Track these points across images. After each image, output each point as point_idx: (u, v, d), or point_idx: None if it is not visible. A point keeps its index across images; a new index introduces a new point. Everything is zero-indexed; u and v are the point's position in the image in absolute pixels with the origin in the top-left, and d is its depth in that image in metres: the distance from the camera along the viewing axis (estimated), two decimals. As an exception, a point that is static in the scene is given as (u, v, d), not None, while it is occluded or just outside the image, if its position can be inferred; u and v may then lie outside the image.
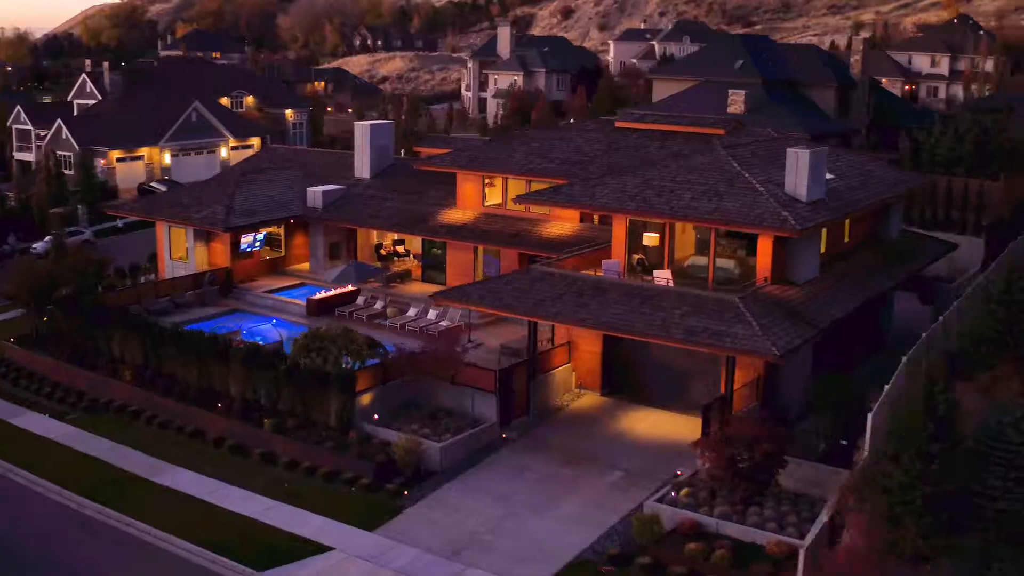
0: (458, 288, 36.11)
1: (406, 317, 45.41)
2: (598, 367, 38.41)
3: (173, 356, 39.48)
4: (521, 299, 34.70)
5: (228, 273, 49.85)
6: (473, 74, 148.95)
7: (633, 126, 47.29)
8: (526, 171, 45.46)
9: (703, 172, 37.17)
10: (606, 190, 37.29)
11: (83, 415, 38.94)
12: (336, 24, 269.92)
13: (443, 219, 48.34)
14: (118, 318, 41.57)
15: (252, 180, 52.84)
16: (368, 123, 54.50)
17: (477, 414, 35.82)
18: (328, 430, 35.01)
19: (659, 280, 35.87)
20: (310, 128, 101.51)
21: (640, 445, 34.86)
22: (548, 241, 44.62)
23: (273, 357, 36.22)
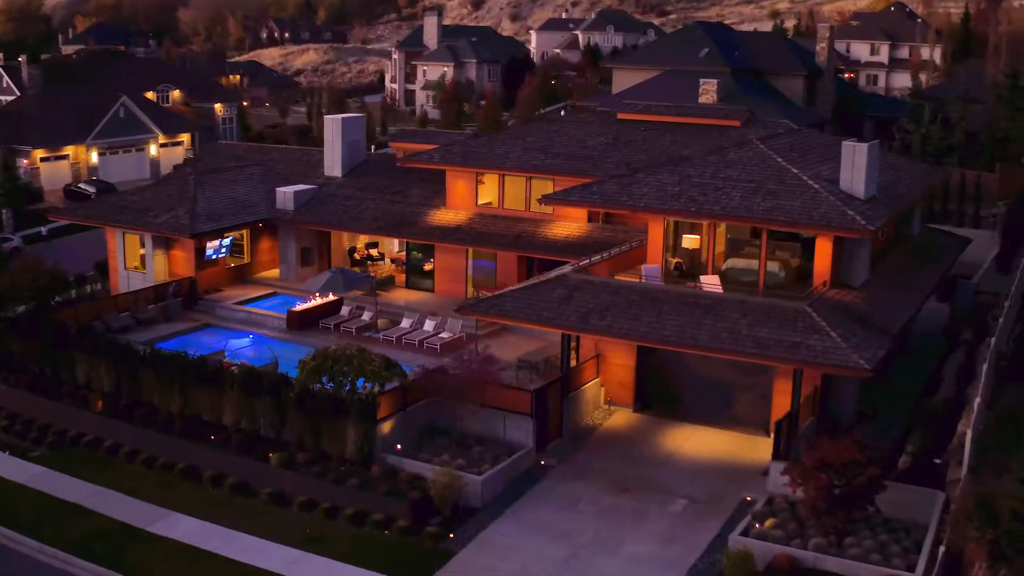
0: (489, 300, 32.38)
1: (400, 329, 41.41)
2: (630, 381, 35.16)
3: (151, 382, 34.80)
4: (564, 311, 31.19)
5: (193, 283, 45.04)
6: (399, 65, 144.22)
7: (637, 118, 44.12)
8: (530, 167, 41.90)
9: (746, 168, 34.20)
10: (644, 188, 34.03)
11: (50, 452, 34.00)
12: (239, 17, 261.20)
13: (433, 220, 44.44)
14: (83, 339, 36.60)
15: (212, 180, 48.06)
16: (339, 117, 50.16)
17: (510, 439, 32.20)
18: (345, 464, 30.96)
19: (708, 286, 32.79)
20: (239, 123, 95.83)
21: (693, 467, 31.76)
22: (554, 243, 41.19)
23: (278, 382, 31.92)
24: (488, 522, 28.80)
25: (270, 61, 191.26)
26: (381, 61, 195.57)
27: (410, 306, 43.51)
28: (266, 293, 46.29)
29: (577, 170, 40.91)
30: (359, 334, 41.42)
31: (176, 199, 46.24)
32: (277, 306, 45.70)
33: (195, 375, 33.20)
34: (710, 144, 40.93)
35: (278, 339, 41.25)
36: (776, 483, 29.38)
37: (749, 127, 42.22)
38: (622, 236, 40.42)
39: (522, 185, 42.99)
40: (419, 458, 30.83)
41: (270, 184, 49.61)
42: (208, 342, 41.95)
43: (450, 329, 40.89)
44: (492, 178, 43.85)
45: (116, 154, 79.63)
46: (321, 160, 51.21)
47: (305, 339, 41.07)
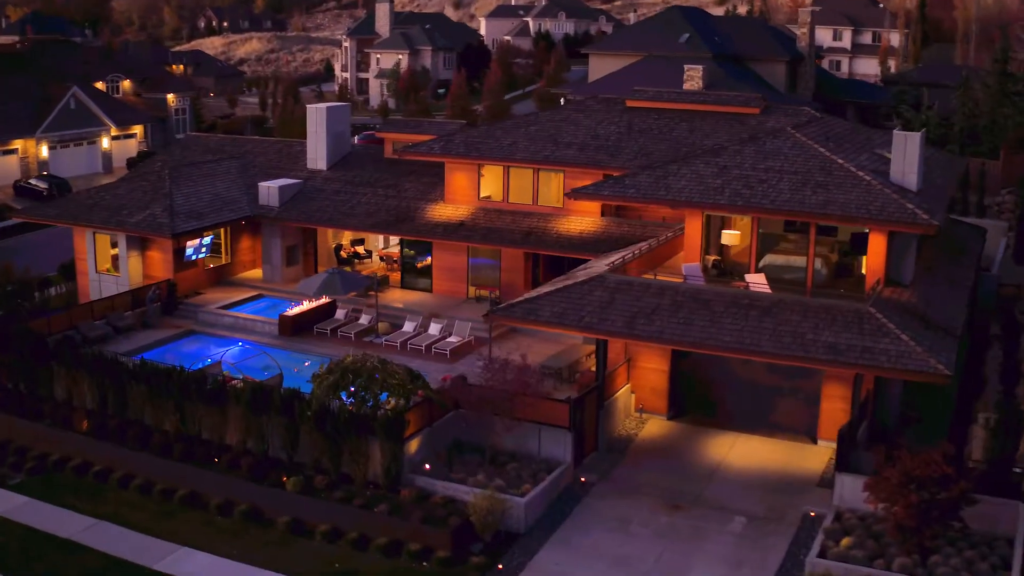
0: (522, 304, 29.72)
1: (403, 333, 38.57)
2: (664, 387, 32.83)
3: (142, 398, 31.59)
4: (608, 316, 28.68)
5: (172, 287, 41.65)
6: (350, 53, 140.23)
7: (648, 105, 41.72)
8: (541, 159, 39.25)
9: (788, 159, 32.02)
10: (683, 181, 31.65)
11: (31, 479, 30.63)
12: (174, 6, 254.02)
13: (432, 215, 41.61)
14: (62, 351, 33.19)
15: (187, 175, 44.65)
16: (324, 106, 46.99)
17: (546, 455, 29.67)
18: (370, 487, 28.17)
19: (755, 286, 30.55)
20: (192, 114, 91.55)
21: (743, 480, 29.54)
22: (568, 239, 38.65)
23: (291, 399, 28.95)
24: (536, 548, 26.25)
25: (212, 50, 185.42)
26: (326, 50, 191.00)
27: (409, 307, 40.69)
28: (250, 296, 43.08)
29: (593, 161, 38.42)
30: (358, 339, 38.53)
31: (151, 196, 42.76)
32: (264, 310, 42.59)
33: (196, 391, 30.05)
34: (731, 133, 38.77)
35: (270, 346, 38.18)
36: (842, 496, 27.34)
37: (768, 115, 40.10)
38: (640, 231, 38.07)
39: (529, 177, 40.37)
40: (452, 479, 28.14)
41: (249, 178, 46.36)
42: (194, 351, 38.75)
43: (458, 332, 38.18)
44: (493, 170, 41.14)
45: (67, 147, 75.06)
46: (302, 152, 48.08)
47: (300, 346, 38.11)
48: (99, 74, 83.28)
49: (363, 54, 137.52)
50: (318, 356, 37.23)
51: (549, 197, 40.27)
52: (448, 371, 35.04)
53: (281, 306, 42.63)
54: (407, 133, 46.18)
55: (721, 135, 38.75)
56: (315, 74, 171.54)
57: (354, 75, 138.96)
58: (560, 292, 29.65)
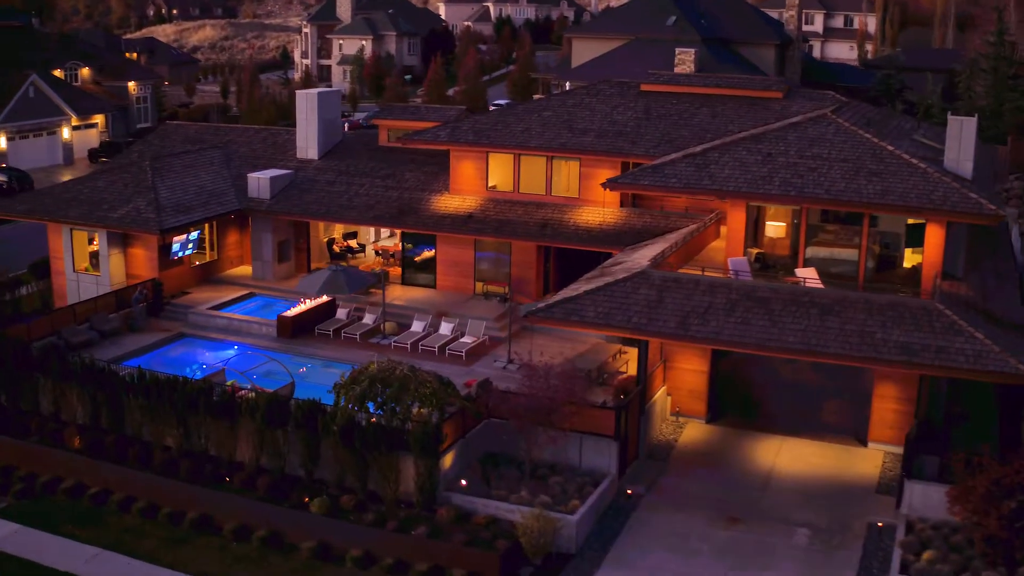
0: (562, 304, 27.42)
1: (412, 333, 36.08)
2: (703, 389, 30.84)
3: (141, 412, 28.88)
4: (659, 316, 26.53)
5: (158, 286, 38.76)
6: (311, 40, 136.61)
7: (664, 89, 39.57)
8: (557, 146, 36.93)
9: (834, 146, 30.11)
10: (726, 170, 29.60)
11: (20, 503, 27.81)
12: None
13: (438, 207, 39.14)
14: (49, 360, 30.30)
15: (169, 167, 41.67)
16: (315, 91, 44.21)
17: (588, 466, 27.52)
18: (401, 507, 25.80)
19: (808, 281, 28.60)
20: (154, 102, 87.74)
21: (797, 487, 27.67)
22: (588, 232, 36.42)
23: (312, 411, 26.43)
24: (591, 571, 24.10)
25: (165, 38, 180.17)
26: (281, 37, 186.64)
27: (414, 305, 38.19)
28: (242, 295, 40.26)
29: (613, 148, 36.21)
30: (364, 341, 36.01)
31: (133, 189, 39.77)
32: (257, 310, 39.86)
33: (204, 404, 27.40)
34: (756, 118, 36.78)
35: (268, 349, 35.52)
36: (911, 505, 25.57)
37: (791, 99, 38.18)
38: (662, 222, 35.98)
39: (542, 166, 38.06)
40: (493, 496, 25.86)
41: (235, 169, 43.51)
42: (188, 356, 36.00)
43: (472, 332, 35.79)
44: (502, 158, 38.74)
45: (27, 138, 71.06)
46: (290, 140, 45.28)
47: (301, 349, 35.46)
48: (57, 62, 79.23)
49: (324, 40, 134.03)
50: (322, 360, 34.73)
51: (564, 186, 38.02)
52: (466, 374, 32.73)
53: (275, 305, 39.98)
54: (405, 120, 43.59)
55: (746, 121, 36.75)
56: (271, 61, 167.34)
57: (315, 62, 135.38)
58: (602, 291, 27.43)
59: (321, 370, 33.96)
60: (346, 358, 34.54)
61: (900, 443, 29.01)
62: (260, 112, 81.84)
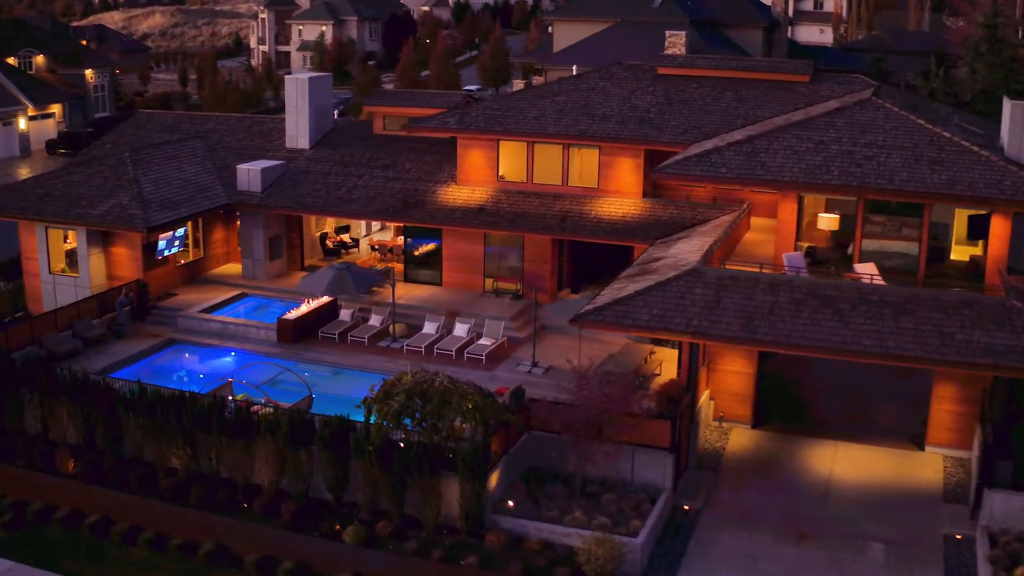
0: (613, 308, 25.09)
1: (424, 336, 33.56)
2: (749, 393, 28.79)
3: (143, 431, 26.09)
4: (718, 317, 24.34)
5: (143, 288, 35.79)
6: (268, 25, 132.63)
7: (683, 72, 37.36)
8: (576, 133, 34.57)
9: (888, 133, 28.17)
10: (777, 158, 27.50)
11: (10, 535, 24.93)
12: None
13: (445, 199, 36.59)
14: (38, 374, 27.35)
15: (150, 159, 38.64)
16: (305, 76, 41.32)
17: (640, 480, 25.31)
18: (443, 532, 23.38)
19: (866, 276, 26.63)
20: (111, 91, 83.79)
21: (861, 497, 25.76)
22: (611, 224, 34.14)
23: (342, 429, 23.87)
24: (661, 600, 21.95)
25: (113, 25, 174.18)
26: (233, 23, 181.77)
27: (422, 304, 35.66)
28: (233, 296, 37.39)
29: (637, 135, 33.94)
30: (372, 344, 33.45)
31: (113, 183, 36.71)
32: (251, 311, 37.08)
33: (217, 423, 24.70)
34: (784, 103, 34.78)
35: (269, 355, 32.83)
36: (992, 515, 23.73)
37: (819, 83, 36.21)
38: (689, 214, 33.84)
39: (557, 154, 35.69)
40: (543, 517, 23.55)
41: (219, 160, 40.59)
42: (182, 365, 33.26)
43: (489, 333, 33.38)
44: (513, 147, 36.29)
45: (-20, 129, 67.29)
46: (275, 129, 42.44)
47: (306, 355, 32.79)
48: (9, 49, 74.96)
49: (282, 26, 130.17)
50: (330, 366, 32.16)
51: (581, 176, 35.71)
52: (489, 380, 30.29)
53: (269, 307, 37.30)
54: (401, 106, 40.95)
55: (774, 105, 34.73)
56: (224, 48, 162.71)
57: (273, 48, 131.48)
58: (654, 291, 25.17)
59: (331, 378, 31.43)
60: (356, 364, 32.05)
61: (960, 447, 27.36)
62: (225, 100, 78.34)
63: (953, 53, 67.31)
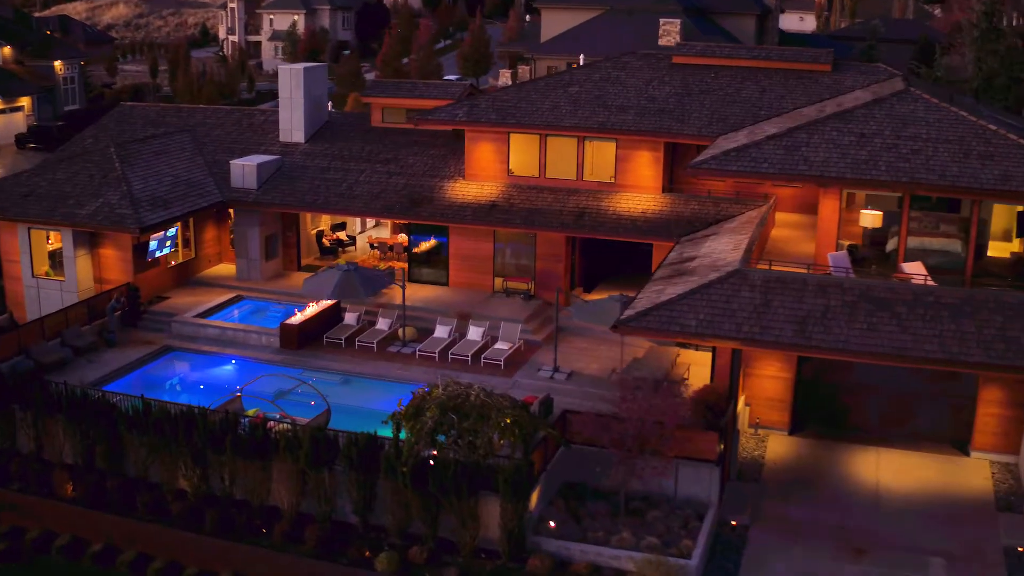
0: (654, 312, 23.51)
1: (437, 340, 31.81)
2: (787, 398, 27.34)
3: (148, 450, 24.20)
4: (769, 323, 22.87)
5: (134, 292, 33.74)
6: (237, 15, 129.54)
7: (699, 61, 35.81)
8: (594, 125, 32.93)
9: (931, 126, 26.77)
10: (820, 152, 26.02)
11: (6, 566, 22.98)
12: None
13: (453, 195, 34.83)
14: (33, 389, 25.32)
15: (137, 154, 36.53)
16: (300, 66, 39.30)
17: (684, 495, 23.81)
18: (481, 556, 21.75)
19: (916, 278, 25.26)
20: (82, 83, 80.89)
21: (912, 507, 24.41)
22: (631, 221, 32.57)
23: (370, 448, 22.12)
24: (721, 629, 20.46)
25: (76, 16, 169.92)
26: (199, 13, 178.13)
27: (429, 306, 33.91)
28: (228, 299, 35.38)
29: (659, 128, 32.37)
30: (382, 350, 31.67)
31: (100, 181, 34.58)
32: (247, 315, 35.15)
33: (233, 443, 22.85)
34: (808, 93, 33.37)
35: (272, 362, 30.98)
36: (1058, 529, 22.50)
37: (842, 72, 34.83)
38: (712, 209, 32.37)
39: (571, 148, 34.04)
40: (588, 538, 21.98)
41: (209, 155, 38.54)
42: (179, 374, 31.32)
43: (506, 337, 31.71)
44: (524, 140, 34.59)
45: (-54, 123, 64.41)
46: (267, 122, 40.43)
47: (311, 362, 30.94)
48: (-29, 38, 72.01)
49: (252, 15, 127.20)
50: (338, 374, 30.30)
51: (596, 170, 34.11)
52: (511, 387, 28.72)
53: (267, 310, 35.42)
54: (401, 97, 39.07)
55: (798, 96, 33.31)
56: (191, 39, 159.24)
57: (243, 38, 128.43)
58: (698, 294, 23.64)
59: (340, 387, 29.61)
60: (366, 371, 30.29)
61: (1006, 451, 26.14)
62: (200, 91, 75.85)
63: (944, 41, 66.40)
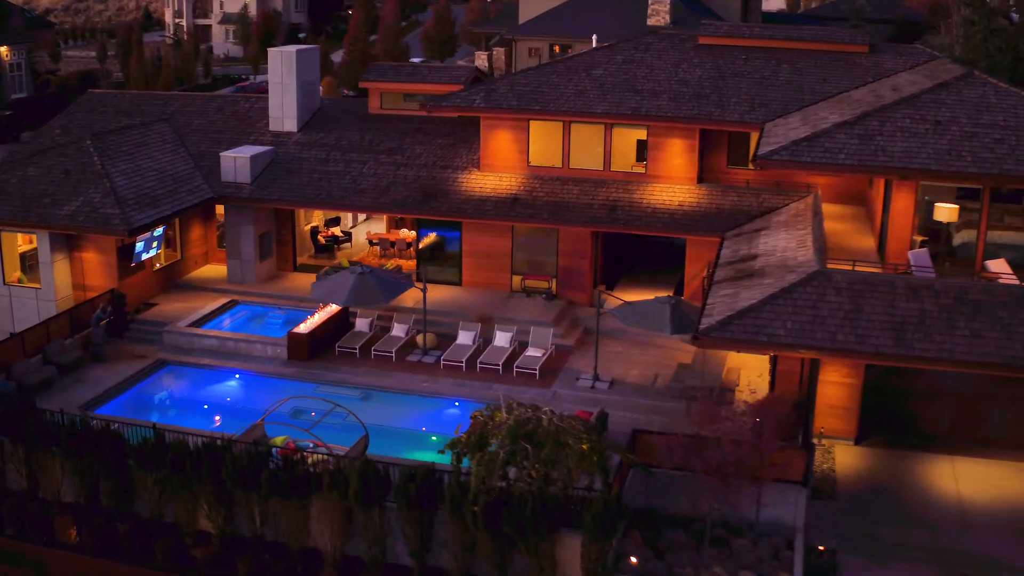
0: (738, 321, 21.09)
1: (461, 347, 29.15)
2: (854, 405, 25.17)
3: (162, 487, 21.27)
4: (864, 330, 20.64)
5: (120, 300, 30.54)
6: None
7: (727, 43, 33.42)
8: (627, 111, 30.40)
9: (1006, 112, 24.71)
10: (897, 141, 23.77)
11: (4, 629, 20.01)
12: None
13: (469, 188, 32.11)
14: (25, 420, 22.20)
15: (116, 146, 33.25)
16: (292, 49, 36.17)
17: (766, 519, 21.52)
18: (558, 600, 19.29)
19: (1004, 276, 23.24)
20: (28, 69, 76.32)
21: (1002, 522, 22.32)
22: (670, 215, 30.20)
23: (428, 483, 19.45)
24: None
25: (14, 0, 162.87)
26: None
27: (444, 308, 31.18)
28: (222, 305, 32.31)
29: (698, 114, 29.96)
30: (401, 359, 28.96)
31: (78, 177, 31.27)
32: (244, 322, 32.19)
33: (270, 481, 20.01)
34: (850, 76, 31.21)
35: (281, 376, 28.18)
36: None
37: (879, 53, 32.75)
38: (753, 201, 30.11)
39: (599, 135, 31.53)
40: (675, 574, 19.62)
41: (192, 146, 35.37)
42: (178, 391, 28.27)
43: (537, 343, 29.17)
44: (545, 128, 31.98)
45: None
46: (253, 109, 37.36)
47: (325, 375, 28.17)
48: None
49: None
50: (359, 388, 27.48)
51: (624, 160, 31.68)
52: (551, 400, 26.28)
53: (265, 316, 32.58)
54: (402, 82, 36.18)
55: (838, 79, 31.13)
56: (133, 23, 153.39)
57: (190, 21, 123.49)
58: (780, 299, 21.31)
59: (362, 404, 26.72)
60: (388, 385, 27.62)
61: (1089, 459, 24.32)
62: (157, 77, 71.85)
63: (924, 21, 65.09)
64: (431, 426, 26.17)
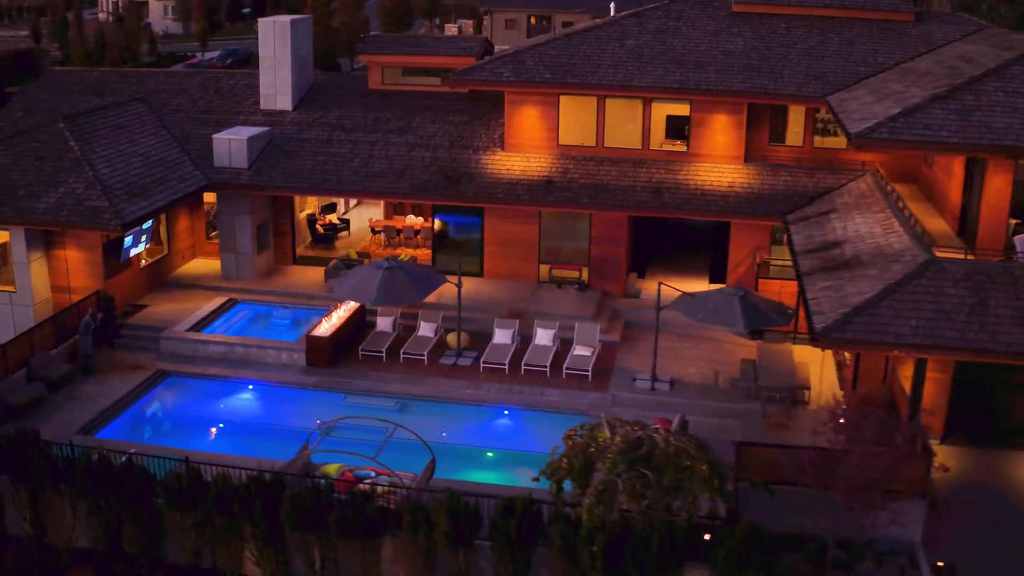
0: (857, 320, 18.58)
1: (499, 347, 26.30)
2: (942, 402, 23.01)
3: (197, 530, 18.23)
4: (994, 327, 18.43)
5: (109, 302, 27.10)
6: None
7: (765, 10, 30.82)
8: (672, 85, 27.69)
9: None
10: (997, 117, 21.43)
11: None
12: None
13: (495, 170, 29.21)
14: (30, 456, 18.92)
15: (93, 130, 29.62)
16: (286, 19, 32.71)
17: (884, 536, 19.27)
18: (680, 648, 16.78)
19: None
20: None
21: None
22: (722, 197, 27.66)
23: (528, 516, 16.72)
24: None
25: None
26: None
27: (467, 303, 28.25)
28: (221, 305, 29.00)
29: (752, 87, 27.41)
30: (434, 362, 26.08)
31: (55, 166, 27.64)
32: (246, 324, 28.98)
33: (339, 525, 17.08)
34: (902, 46, 28.97)
35: (301, 387, 25.18)
36: None
37: (926, 22, 30.58)
38: (808, 182, 27.76)
39: (636, 112, 28.85)
40: (808, 615, 17.22)
41: (175, 128, 31.88)
42: (194, 409, 24.99)
43: (583, 341, 26.47)
44: (576, 103, 29.17)
45: None
46: (239, 85, 34.00)
47: (351, 383, 25.13)
48: None
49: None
50: (393, 399, 24.49)
51: (662, 138, 29.12)
52: (612, 405, 23.73)
53: (269, 316, 29.46)
54: (407, 55, 33.02)
55: (891, 49, 28.85)
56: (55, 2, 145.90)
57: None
58: (896, 293, 18.96)
59: (399, 415, 23.67)
60: (425, 393, 24.79)
61: None
62: (103, 55, 67.18)
63: None
64: (482, 441, 23.43)
